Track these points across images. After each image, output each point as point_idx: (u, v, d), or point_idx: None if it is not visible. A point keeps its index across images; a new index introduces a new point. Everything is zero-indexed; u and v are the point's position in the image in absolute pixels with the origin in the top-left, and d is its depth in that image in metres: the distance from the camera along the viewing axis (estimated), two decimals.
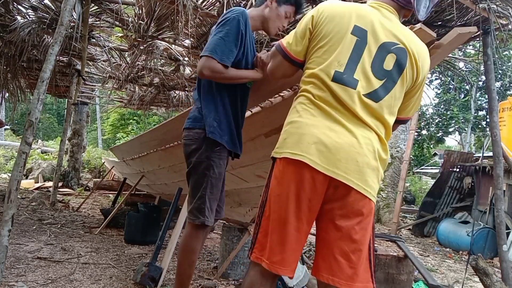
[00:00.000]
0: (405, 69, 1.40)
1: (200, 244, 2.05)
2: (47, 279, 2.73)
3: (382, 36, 1.39)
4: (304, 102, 1.41)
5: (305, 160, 1.31)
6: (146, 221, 4.11)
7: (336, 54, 1.38)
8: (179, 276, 2.03)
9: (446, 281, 3.97)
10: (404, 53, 1.39)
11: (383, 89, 1.38)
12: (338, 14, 1.42)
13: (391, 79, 1.38)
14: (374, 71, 1.37)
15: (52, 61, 2.52)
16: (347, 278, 1.32)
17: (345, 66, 1.36)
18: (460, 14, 3.05)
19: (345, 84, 1.35)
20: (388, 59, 1.38)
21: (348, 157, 1.30)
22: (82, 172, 9.81)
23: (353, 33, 1.38)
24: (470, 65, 6.92)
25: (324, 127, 1.33)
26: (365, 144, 1.33)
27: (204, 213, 1.95)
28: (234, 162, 2.99)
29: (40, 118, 2.68)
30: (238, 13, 1.87)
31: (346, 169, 1.30)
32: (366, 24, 1.40)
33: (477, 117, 18.73)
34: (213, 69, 1.81)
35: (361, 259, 1.34)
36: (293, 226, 1.33)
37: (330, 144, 1.31)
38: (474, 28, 1.78)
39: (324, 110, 1.36)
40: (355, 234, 1.33)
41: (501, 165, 3.25)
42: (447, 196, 7.26)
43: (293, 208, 1.33)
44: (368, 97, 1.35)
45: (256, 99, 2.32)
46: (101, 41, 5.10)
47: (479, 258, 2.76)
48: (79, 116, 8.75)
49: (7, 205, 2.40)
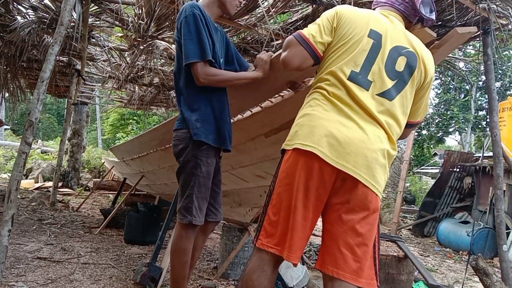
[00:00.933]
0: (415, 71, 1.48)
1: (191, 244, 2.02)
2: (47, 279, 2.73)
3: (395, 40, 1.48)
4: (318, 98, 1.46)
5: (316, 151, 1.35)
6: (146, 221, 4.11)
7: (354, 54, 1.45)
8: (173, 277, 2.02)
9: (446, 281, 3.97)
10: (414, 56, 1.48)
11: (395, 89, 1.45)
12: (358, 17, 1.51)
13: (402, 79, 1.46)
14: (387, 71, 1.45)
15: (52, 61, 2.51)
16: (352, 271, 1.34)
17: (361, 66, 1.44)
18: (460, 14, 3.05)
19: (359, 85, 1.42)
20: (400, 61, 1.46)
21: (357, 151, 1.34)
22: (82, 172, 9.80)
23: (369, 36, 1.46)
24: (470, 65, 6.92)
25: (336, 122, 1.38)
26: (375, 141, 1.38)
27: (191, 212, 1.94)
28: (234, 162, 3.00)
29: (40, 118, 2.68)
30: (190, 10, 1.87)
31: (355, 163, 1.34)
32: (381, 29, 1.48)
33: (477, 117, 18.73)
34: (208, 73, 1.83)
35: (367, 255, 1.36)
36: (301, 214, 1.36)
37: (341, 138, 1.35)
38: (474, 28, 1.79)
39: (337, 106, 1.41)
40: (361, 228, 1.35)
41: (501, 165, 3.25)
42: (447, 196, 7.25)
43: (301, 197, 1.36)
44: (381, 96, 1.43)
45: (256, 99, 2.32)
46: (101, 41, 5.09)
47: (479, 258, 2.76)
48: (79, 116, 8.75)
49: (7, 205, 2.40)
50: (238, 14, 3.36)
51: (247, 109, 2.47)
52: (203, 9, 1.92)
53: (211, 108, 1.97)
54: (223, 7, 2.04)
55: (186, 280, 2.05)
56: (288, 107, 2.10)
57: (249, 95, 2.31)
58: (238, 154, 2.87)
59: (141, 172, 4.91)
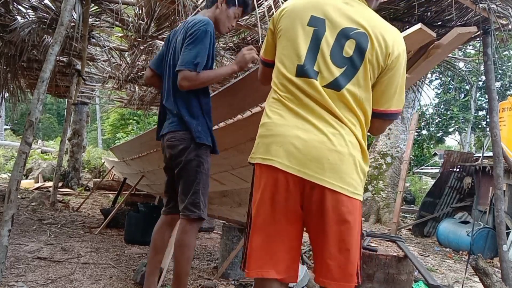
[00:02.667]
0: (366, 52, 1.31)
1: (195, 239, 2.12)
2: (47, 279, 2.73)
3: (341, 22, 1.33)
4: (272, 104, 1.39)
5: (275, 164, 1.29)
6: (146, 221, 4.10)
7: (295, 47, 1.34)
8: (177, 273, 2.06)
9: (446, 281, 3.97)
10: (364, 37, 1.31)
11: (344, 77, 1.31)
12: (297, 6, 1.39)
13: (352, 65, 1.31)
14: (333, 59, 1.31)
15: (52, 61, 2.52)
16: (339, 278, 1.31)
17: (305, 57, 1.32)
18: (460, 14, 3.05)
19: (307, 77, 1.31)
20: (348, 46, 1.31)
21: (319, 155, 1.26)
22: (82, 172, 9.80)
23: (309, 24, 1.34)
24: (470, 65, 6.93)
25: (294, 127, 1.30)
26: (336, 140, 1.27)
27: (199, 207, 2.03)
28: (234, 162, 3.00)
29: (40, 118, 2.68)
30: (207, 25, 2.02)
31: (318, 169, 1.26)
32: (323, 13, 1.35)
33: (477, 117, 18.75)
34: (189, 79, 1.96)
35: (350, 258, 1.32)
36: (273, 228, 1.32)
37: (300, 144, 1.27)
38: (474, 28, 1.78)
39: (291, 110, 1.32)
40: (340, 234, 1.29)
41: (501, 165, 3.25)
42: (447, 196, 7.25)
43: (270, 211, 1.31)
44: (329, 87, 1.30)
45: (256, 99, 2.32)
46: (101, 41, 5.09)
47: (479, 258, 2.76)
48: (79, 116, 8.75)
49: (7, 205, 2.40)
50: None
51: (247, 109, 2.47)
52: (214, 29, 2.07)
53: (202, 112, 2.11)
54: (217, 26, 2.18)
55: (188, 276, 2.10)
56: None
57: (249, 96, 2.31)
58: (238, 154, 2.87)
59: (141, 172, 4.91)
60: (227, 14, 2.15)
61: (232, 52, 4.63)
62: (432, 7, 3.03)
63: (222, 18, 2.16)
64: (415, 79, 2.02)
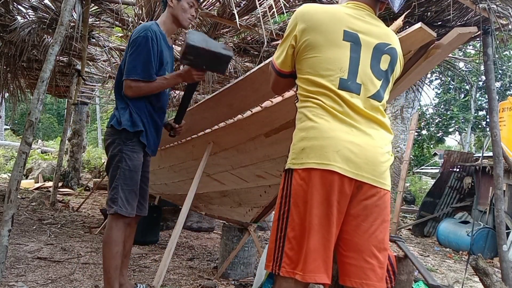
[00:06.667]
0: (395, 68, 1.49)
1: (122, 235, 2.12)
2: (47, 279, 2.73)
3: (374, 37, 1.43)
4: (315, 109, 1.39)
5: (334, 169, 1.31)
6: (146, 221, 4.10)
7: (336, 61, 1.38)
8: (104, 268, 2.10)
9: (446, 281, 3.97)
10: (395, 53, 1.47)
11: (383, 88, 1.44)
12: (322, 22, 1.41)
13: (386, 78, 1.45)
14: (374, 72, 1.41)
15: (52, 61, 2.52)
16: (379, 279, 1.34)
17: (348, 72, 1.38)
18: (460, 14, 3.06)
19: (351, 91, 1.37)
20: (383, 60, 1.43)
21: (371, 157, 1.36)
22: (82, 172, 9.80)
23: (345, 39, 1.39)
24: (470, 65, 6.93)
25: (343, 132, 1.35)
26: (381, 141, 1.40)
27: (117, 202, 2.07)
28: (234, 162, 3.00)
29: (40, 118, 2.68)
30: (144, 31, 2.07)
31: (372, 170, 1.36)
32: (352, 28, 1.41)
33: (477, 117, 18.76)
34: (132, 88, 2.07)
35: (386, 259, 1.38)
36: (326, 230, 1.32)
37: (355, 149, 1.34)
38: (474, 28, 1.78)
39: (336, 116, 1.36)
40: (380, 233, 1.36)
41: (501, 165, 3.25)
42: (447, 196, 7.25)
43: (325, 213, 1.32)
44: (373, 98, 1.41)
45: (256, 99, 2.32)
46: (101, 41, 5.10)
47: (479, 258, 2.76)
48: (79, 116, 8.74)
49: (7, 205, 2.40)
50: (238, 14, 3.35)
51: (248, 109, 2.47)
52: (156, 31, 2.11)
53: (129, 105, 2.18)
54: (177, 22, 2.23)
55: (117, 270, 2.11)
56: (289, 107, 2.11)
57: (249, 96, 2.31)
58: (238, 154, 2.88)
59: None
60: (181, 7, 2.19)
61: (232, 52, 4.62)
62: (432, 7, 3.03)
63: (178, 13, 2.20)
64: (415, 79, 2.02)
